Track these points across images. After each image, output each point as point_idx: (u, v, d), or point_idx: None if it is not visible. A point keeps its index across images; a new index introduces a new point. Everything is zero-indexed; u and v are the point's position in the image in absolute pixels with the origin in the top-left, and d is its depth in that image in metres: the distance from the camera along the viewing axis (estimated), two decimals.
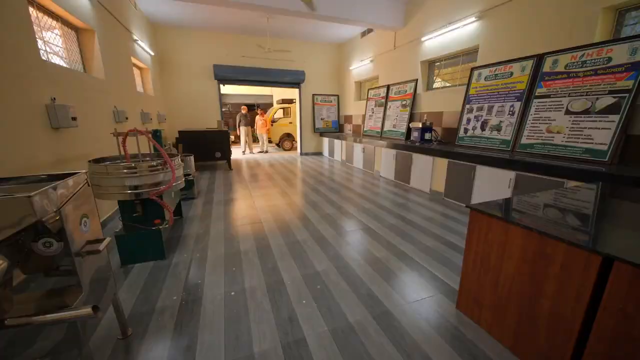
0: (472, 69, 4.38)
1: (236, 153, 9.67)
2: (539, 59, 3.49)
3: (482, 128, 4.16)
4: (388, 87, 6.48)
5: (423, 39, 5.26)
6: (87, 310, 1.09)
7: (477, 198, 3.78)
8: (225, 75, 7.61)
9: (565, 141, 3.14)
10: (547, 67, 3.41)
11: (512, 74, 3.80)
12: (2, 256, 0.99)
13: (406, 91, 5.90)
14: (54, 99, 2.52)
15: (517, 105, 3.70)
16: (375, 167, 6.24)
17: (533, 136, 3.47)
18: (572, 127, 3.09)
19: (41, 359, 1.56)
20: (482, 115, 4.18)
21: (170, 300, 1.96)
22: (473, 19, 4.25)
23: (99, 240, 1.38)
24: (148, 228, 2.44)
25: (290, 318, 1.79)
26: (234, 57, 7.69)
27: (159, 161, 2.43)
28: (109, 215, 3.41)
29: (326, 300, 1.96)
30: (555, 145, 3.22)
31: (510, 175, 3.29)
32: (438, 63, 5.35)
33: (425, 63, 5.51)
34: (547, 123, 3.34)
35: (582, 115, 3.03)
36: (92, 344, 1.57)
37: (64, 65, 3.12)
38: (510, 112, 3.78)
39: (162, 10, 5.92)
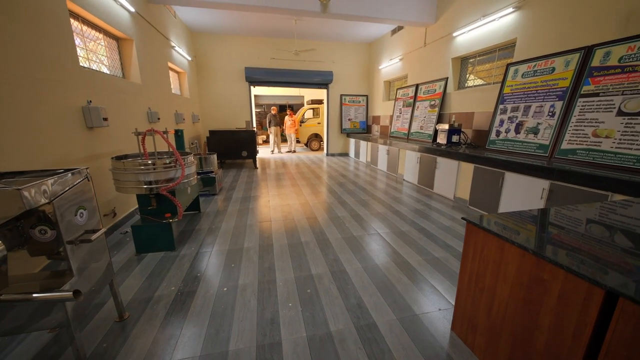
0: (508, 65, 3.96)
1: (266, 152, 10.01)
2: (587, 51, 3.02)
3: (517, 131, 3.73)
4: (417, 86, 6.16)
5: (455, 34, 4.90)
6: (68, 293, 1.20)
7: (504, 208, 3.41)
8: (255, 77, 7.92)
9: (616, 147, 2.67)
10: (596, 60, 2.94)
11: (553, 69, 3.35)
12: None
13: (435, 90, 5.55)
14: (90, 101, 2.84)
15: (559, 105, 3.25)
16: (398, 170, 5.98)
17: (576, 141, 3.02)
18: (625, 131, 2.62)
19: (52, 329, 1.77)
20: (517, 117, 3.76)
21: (168, 290, 2.08)
22: (511, 9, 3.84)
23: (95, 231, 1.52)
24: (160, 221, 2.63)
25: (272, 320, 1.79)
26: (264, 59, 7.96)
27: (172, 159, 2.61)
28: (136, 208, 3.75)
29: (313, 305, 1.92)
30: (603, 151, 2.76)
31: (543, 184, 2.91)
32: (472, 59, 4.94)
33: (457, 60, 5.13)
34: (593, 126, 2.88)
35: (639, 117, 2.55)
36: (91, 324, 1.74)
37: (107, 72, 3.51)
38: (550, 113, 3.34)
39: (199, 18, 6.35)
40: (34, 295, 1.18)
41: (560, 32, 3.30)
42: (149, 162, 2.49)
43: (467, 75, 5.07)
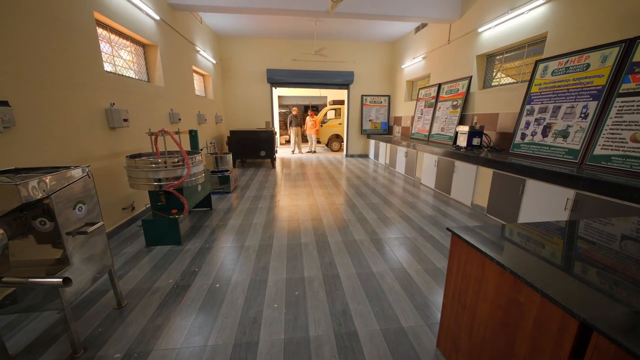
0: (537, 62, 3.62)
1: (287, 152, 10.18)
2: (629, 44, 2.66)
3: (544, 134, 3.40)
4: (439, 85, 5.87)
5: (480, 29, 4.59)
6: (58, 280, 1.31)
7: (525, 217, 3.13)
8: (277, 78, 8.08)
9: None
10: (639, 55, 2.58)
11: (588, 66, 3.00)
12: (1, 229, 1.28)
13: (458, 90, 5.24)
14: (113, 104, 3.09)
15: (592, 105, 2.91)
16: (416, 173, 5.75)
17: (611, 146, 2.68)
18: None
19: (60, 311, 1.94)
20: (544, 118, 3.42)
21: (166, 283, 2.20)
22: (541, 0, 3.50)
23: (93, 224, 1.65)
24: (167, 216, 2.79)
25: (255, 319, 1.81)
26: (285, 61, 8.10)
27: (180, 158, 2.75)
28: None
29: (297, 308, 1.92)
30: None
31: (568, 194, 2.62)
32: (499, 56, 4.59)
33: (482, 57, 4.80)
34: (633, 129, 2.53)
35: None
36: (93, 309, 1.90)
37: (134, 76, 3.81)
38: (582, 115, 3.00)
39: (223, 22, 6.63)
40: (30, 280, 1.31)
41: (597, 24, 2.95)
42: (159, 160, 2.65)
43: (494, 74, 4.72)
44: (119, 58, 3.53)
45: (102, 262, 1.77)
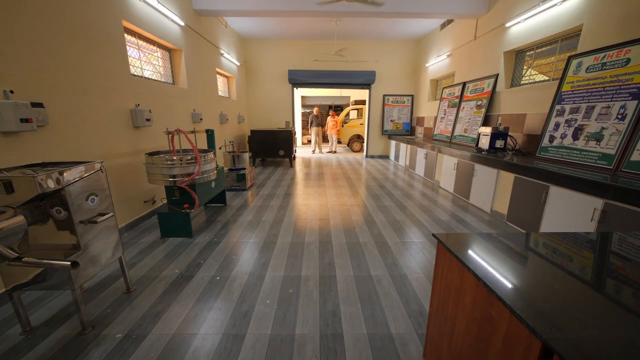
0: (570, 58, 3.30)
1: (307, 152, 10.28)
2: None
3: (575, 136, 3.10)
4: (464, 84, 5.58)
5: (508, 24, 4.29)
6: (67, 263, 1.47)
7: (547, 227, 2.88)
8: (298, 79, 8.20)
9: None
10: None
11: (628, 61, 2.69)
12: (23, 215, 1.46)
13: (483, 89, 4.95)
14: (138, 105, 3.36)
15: (632, 105, 2.60)
16: (435, 176, 5.52)
17: None
18: None
19: (73, 291, 2.13)
20: (576, 120, 3.12)
21: (172, 272, 2.35)
22: None
23: (104, 214, 1.82)
24: (180, 210, 2.97)
25: (246, 313, 1.87)
26: (307, 62, 8.19)
27: (193, 155, 2.92)
28: None
29: (289, 305, 1.95)
30: None
31: (595, 203, 2.37)
32: (530, 52, 4.25)
33: (510, 54, 4.48)
34: None
35: None
36: (106, 292, 2.09)
37: (160, 79, 4.10)
38: (619, 116, 2.69)
39: (248, 25, 6.87)
40: (44, 261, 1.48)
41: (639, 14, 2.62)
42: (174, 158, 2.83)
43: (524, 71, 4.38)
44: (147, 63, 3.82)
45: (112, 249, 1.94)
